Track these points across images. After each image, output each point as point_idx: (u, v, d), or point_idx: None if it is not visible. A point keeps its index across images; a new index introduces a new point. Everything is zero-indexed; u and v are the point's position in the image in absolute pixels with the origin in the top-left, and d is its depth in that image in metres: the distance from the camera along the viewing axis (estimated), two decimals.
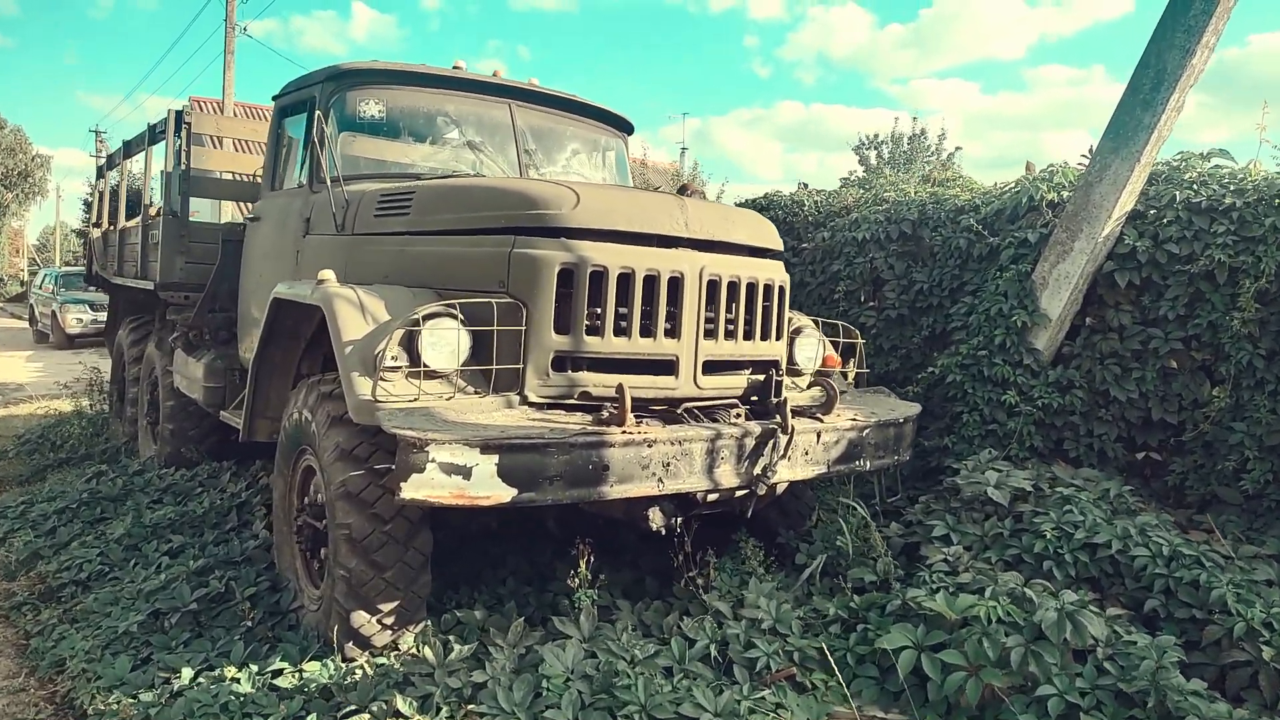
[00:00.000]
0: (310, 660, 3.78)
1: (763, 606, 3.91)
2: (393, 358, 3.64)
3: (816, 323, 5.00)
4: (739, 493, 3.90)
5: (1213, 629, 3.53)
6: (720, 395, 4.19)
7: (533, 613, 4.34)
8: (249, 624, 4.21)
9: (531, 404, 3.79)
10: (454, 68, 5.37)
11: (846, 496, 4.82)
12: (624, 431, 3.53)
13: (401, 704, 3.27)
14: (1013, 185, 6.22)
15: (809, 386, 4.76)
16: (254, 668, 3.74)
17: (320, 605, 4.12)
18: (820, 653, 3.71)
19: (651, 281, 3.91)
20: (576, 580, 4.01)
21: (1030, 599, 3.44)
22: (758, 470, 3.87)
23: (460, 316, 3.72)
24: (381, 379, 3.58)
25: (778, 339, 4.44)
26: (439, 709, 3.27)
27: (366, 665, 3.75)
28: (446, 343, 3.68)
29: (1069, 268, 5.34)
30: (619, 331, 3.90)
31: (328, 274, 4.01)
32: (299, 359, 4.78)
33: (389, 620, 3.85)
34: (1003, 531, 4.22)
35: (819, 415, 4.18)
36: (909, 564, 4.40)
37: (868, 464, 4.33)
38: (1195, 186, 5.22)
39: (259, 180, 6.46)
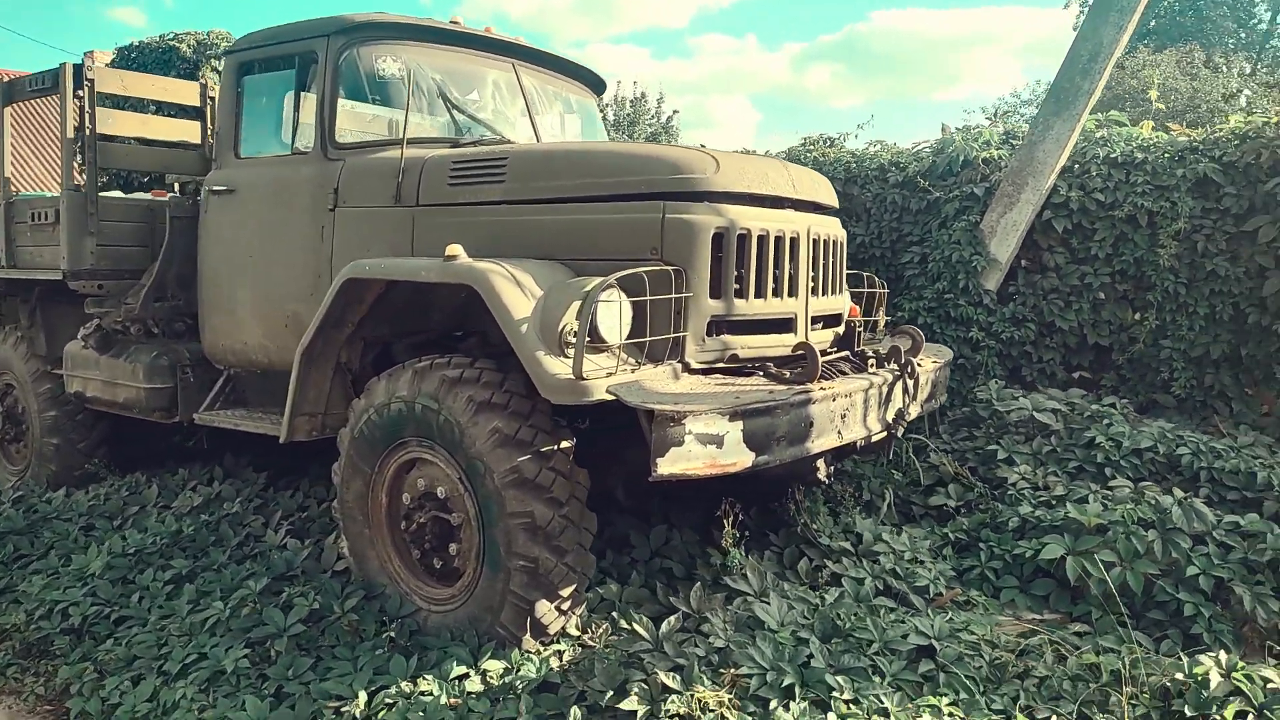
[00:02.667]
0: (490, 659, 3.52)
1: (897, 541, 4.19)
2: (573, 333, 3.45)
3: None
4: (877, 436, 4.13)
5: (1270, 504, 4.32)
6: (821, 349, 4.37)
7: (650, 579, 4.31)
8: (359, 639, 3.82)
9: (692, 371, 3.76)
10: (452, 23, 4.98)
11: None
12: (821, 389, 3.63)
13: (666, 679, 3.18)
14: (932, 145, 6.88)
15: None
16: (431, 677, 3.43)
17: (457, 604, 3.83)
18: (958, 572, 4.07)
19: (777, 242, 4.01)
20: (728, 540, 4.06)
21: (1152, 499, 4.02)
22: (892, 415, 4.12)
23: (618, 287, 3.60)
24: (563, 356, 3.40)
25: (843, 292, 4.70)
26: (700, 678, 3.22)
27: (561, 652, 3.58)
28: (615, 314, 3.55)
29: (1016, 217, 6.05)
30: (758, 293, 3.97)
31: (457, 249, 3.66)
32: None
33: (566, 606, 3.68)
34: (1055, 448, 4.81)
35: (912, 359, 4.49)
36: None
37: (936, 402, 4.73)
38: (1108, 144, 6.13)
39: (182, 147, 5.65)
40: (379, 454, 4.00)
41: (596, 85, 5.88)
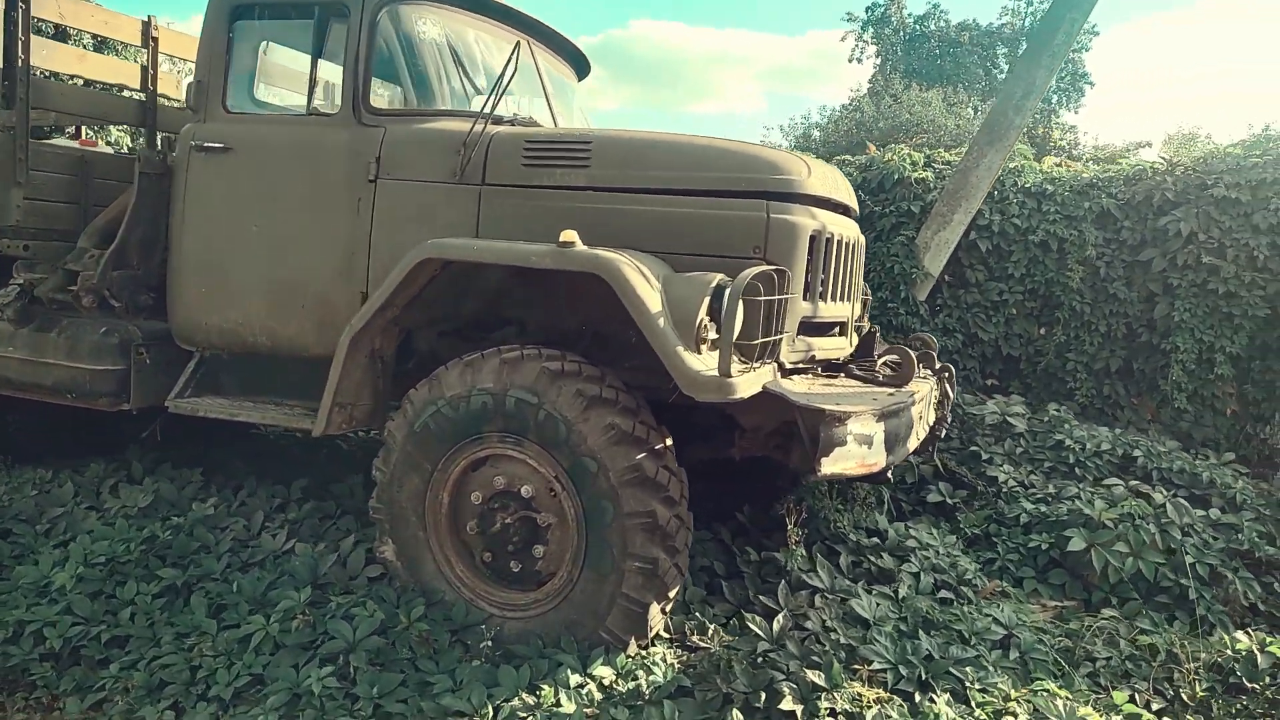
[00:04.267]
0: (600, 665, 3.38)
1: (925, 537, 4.45)
2: (706, 328, 3.40)
3: None
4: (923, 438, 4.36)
5: (1216, 499, 4.99)
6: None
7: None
8: (434, 650, 3.53)
9: (787, 371, 3.81)
10: None
11: None
12: (915, 392, 3.80)
13: (815, 676, 3.20)
14: (858, 163, 7.31)
15: None
16: (549, 688, 3.24)
17: (541, 609, 3.62)
18: (981, 565, 4.40)
19: (842, 247, 4.15)
20: (793, 538, 4.13)
21: (1149, 495, 4.54)
22: (934, 417, 4.37)
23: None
24: (696, 350, 3.34)
25: None
26: (841, 676, 3.28)
27: (678, 655, 3.51)
28: (736, 311, 3.53)
29: (949, 235, 6.57)
30: (833, 296, 4.08)
31: (573, 235, 3.47)
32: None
33: (669, 606, 3.60)
34: (1026, 449, 5.29)
35: (950, 366, 4.76)
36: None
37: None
38: (1022, 174, 6.80)
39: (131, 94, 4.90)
40: (446, 450, 3.70)
41: (582, 70, 5.72)
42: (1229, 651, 3.66)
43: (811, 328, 4.03)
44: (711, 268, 3.60)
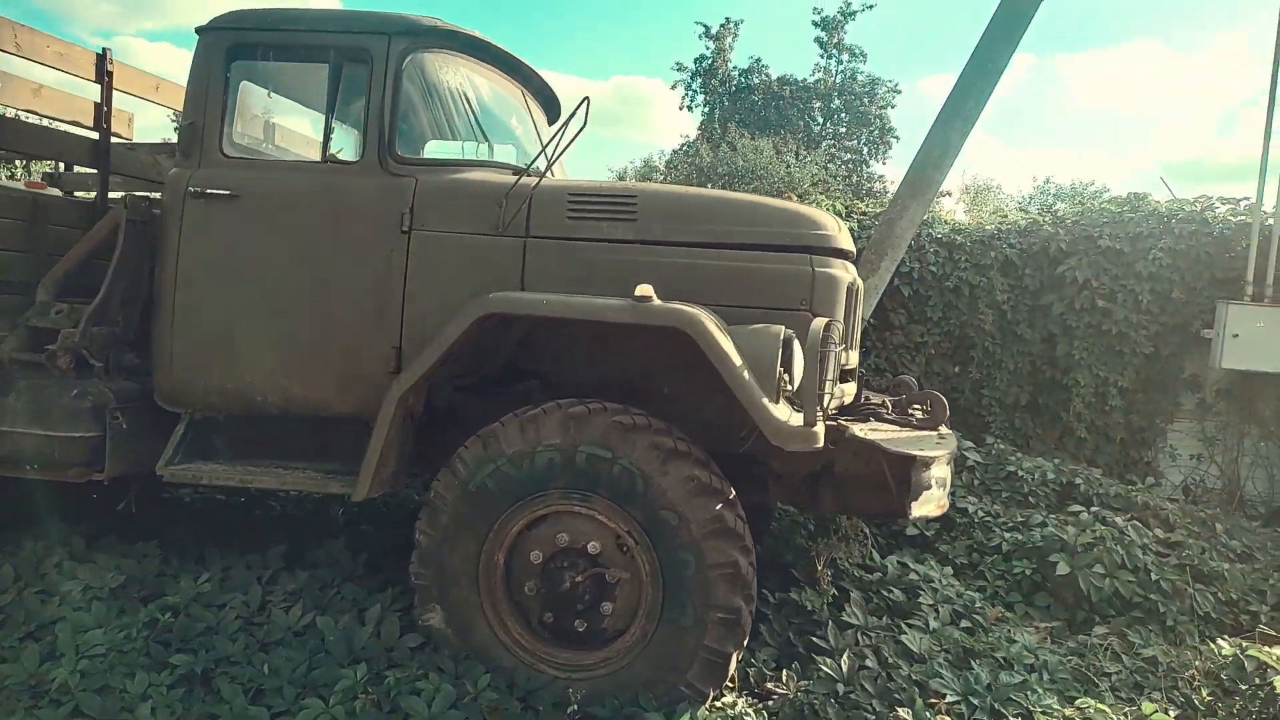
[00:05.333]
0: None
1: (928, 571, 4.71)
2: (783, 378, 3.50)
3: None
4: None
5: (1149, 519, 5.54)
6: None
7: None
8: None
9: (829, 418, 3.96)
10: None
11: None
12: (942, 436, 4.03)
13: (903, 713, 3.34)
14: None
15: None
16: None
17: (610, 667, 3.56)
18: (980, 591, 4.71)
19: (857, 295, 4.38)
20: (824, 579, 4.26)
21: (1111, 520, 4.99)
22: None
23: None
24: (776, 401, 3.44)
25: None
26: (925, 712, 3.43)
27: (740, 703, 3.53)
28: (817, 362, 3.67)
29: (877, 281, 6.99)
30: (851, 344, 4.29)
31: (648, 289, 3.48)
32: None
33: (740, 654, 3.63)
34: (982, 480, 5.70)
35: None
36: None
37: None
38: (934, 226, 7.36)
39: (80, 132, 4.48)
40: (504, 509, 3.59)
41: (554, 116, 5.70)
42: (1217, 659, 4.10)
43: (841, 375, 4.21)
44: (759, 320, 3.71)
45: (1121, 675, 4.06)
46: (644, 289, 3.49)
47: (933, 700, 3.50)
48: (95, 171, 4.63)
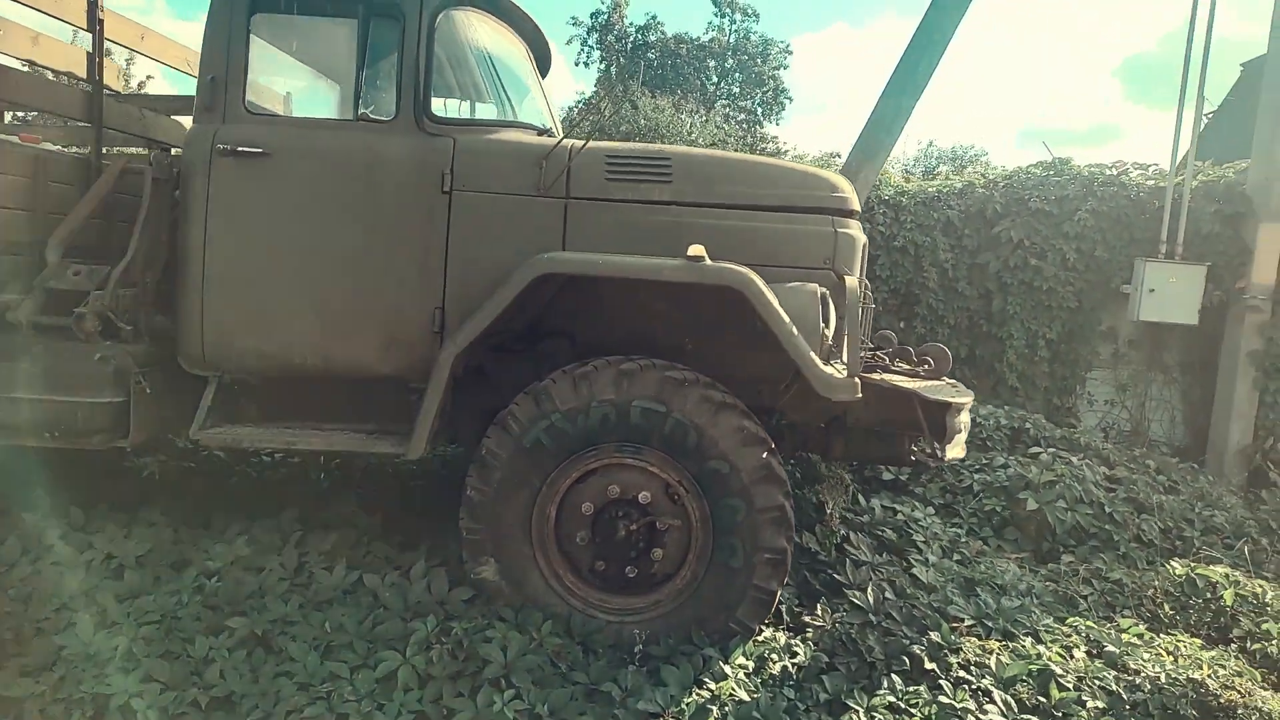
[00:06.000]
0: (739, 654, 3.62)
1: (913, 512, 5.10)
2: (826, 334, 3.75)
3: None
4: None
5: (1094, 458, 6.09)
6: None
7: None
8: (567, 663, 3.58)
9: None
10: None
11: None
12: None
13: (935, 636, 3.69)
14: None
15: None
16: (721, 682, 3.44)
17: (660, 610, 3.77)
18: (957, 528, 5.14)
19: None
20: (834, 520, 4.58)
21: (1068, 460, 5.49)
22: None
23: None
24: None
25: None
26: (950, 634, 3.79)
27: (781, 637, 3.80)
28: (859, 318, 3.93)
29: None
30: None
31: (700, 249, 3.64)
32: None
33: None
34: None
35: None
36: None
37: None
38: (881, 188, 7.73)
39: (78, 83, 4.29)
40: (556, 463, 3.74)
41: (545, 70, 5.69)
42: (1172, 579, 4.64)
43: None
44: (786, 278, 3.94)
45: (1094, 597, 4.55)
46: (697, 249, 3.66)
47: (954, 624, 3.86)
48: (89, 124, 4.42)
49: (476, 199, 3.93)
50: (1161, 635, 4.13)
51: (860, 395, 3.67)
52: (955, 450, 3.73)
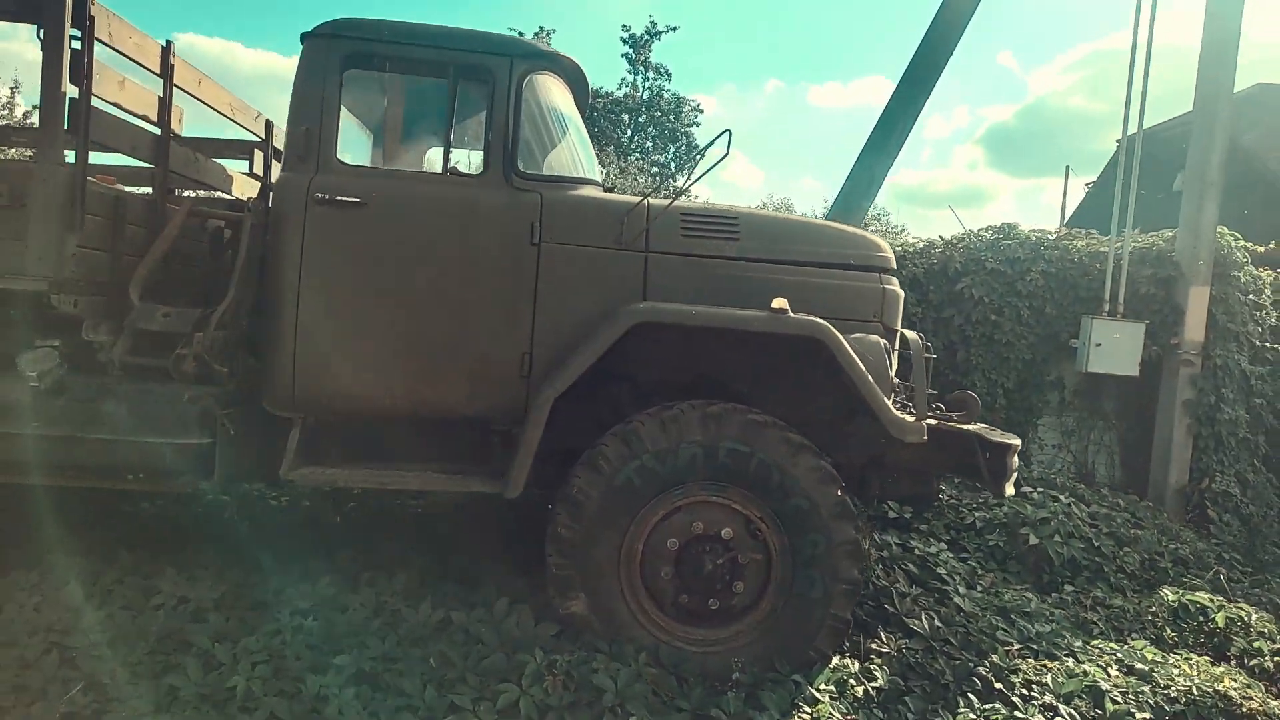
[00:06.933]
0: (820, 680, 3.87)
1: (927, 548, 5.47)
2: (896, 382, 4.10)
3: None
4: None
5: (1068, 497, 6.59)
6: None
7: None
8: (667, 693, 3.75)
9: None
10: None
11: None
12: None
13: (996, 658, 4.02)
14: None
15: None
16: (817, 705, 3.68)
17: (740, 641, 3.98)
18: (963, 562, 5.53)
19: None
20: (871, 555, 4.88)
21: (1056, 498, 5.96)
22: None
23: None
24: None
25: None
26: (1003, 655, 4.13)
27: (854, 664, 4.06)
28: (925, 367, 4.29)
29: None
30: None
31: (783, 302, 3.95)
32: None
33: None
34: None
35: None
36: None
37: None
38: None
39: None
40: (645, 502, 3.94)
41: None
42: (1165, 604, 5.12)
43: None
44: (841, 331, 4.28)
45: (1102, 622, 4.98)
46: (780, 302, 3.97)
47: (1006, 648, 4.20)
48: (153, 166, 4.45)
49: (563, 250, 4.14)
50: (1171, 655, 4.57)
51: (925, 438, 4.02)
52: (1010, 488, 4.10)
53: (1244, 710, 3.95)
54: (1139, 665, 4.21)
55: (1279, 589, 6.05)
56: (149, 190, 4.45)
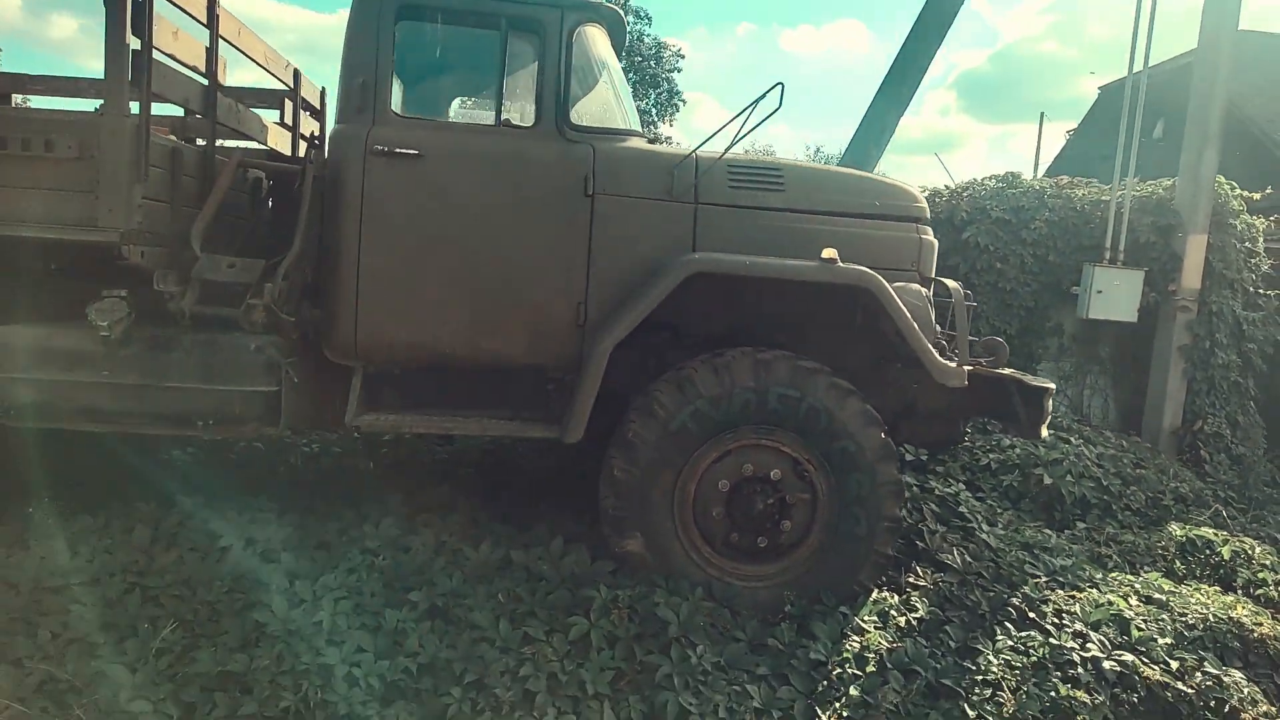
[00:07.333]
0: (865, 611, 4.09)
1: (947, 489, 5.70)
2: (937, 330, 4.27)
3: None
4: None
5: (1077, 438, 6.85)
6: None
7: None
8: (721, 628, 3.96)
9: None
10: None
11: None
12: None
13: (1027, 589, 4.26)
14: None
15: None
16: (867, 634, 3.90)
17: (786, 575, 4.18)
18: (980, 501, 5.78)
19: None
20: None
21: (1066, 439, 6.21)
22: None
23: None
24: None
25: None
26: (1034, 586, 4.38)
27: (891, 597, 4.29)
28: (965, 315, 4.46)
29: None
30: None
31: (833, 253, 4.08)
32: None
33: None
34: None
35: None
36: None
37: None
38: None
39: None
40: (698, 445, 4.10)
41: None
42: (1174, 538, 5.40)
43: None
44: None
45: (1116, 556, 5.25)
46: (830, 253, 4.10)
47: (1035, 580, 4.45)
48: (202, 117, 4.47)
49: (617, 202, 4.23)
50: (1182, 585, 4.85)
51: (966, 382, 4.20)
52: (1046, 430, 4.31)
53: (1255, 636, 4.23)
54: (1156, 595, 4.47)
55: (1275, 524, 6.36)
56: (200, 141, 4.46)
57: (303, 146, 5.61)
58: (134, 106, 3.77)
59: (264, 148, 5.25)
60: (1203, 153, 8.26)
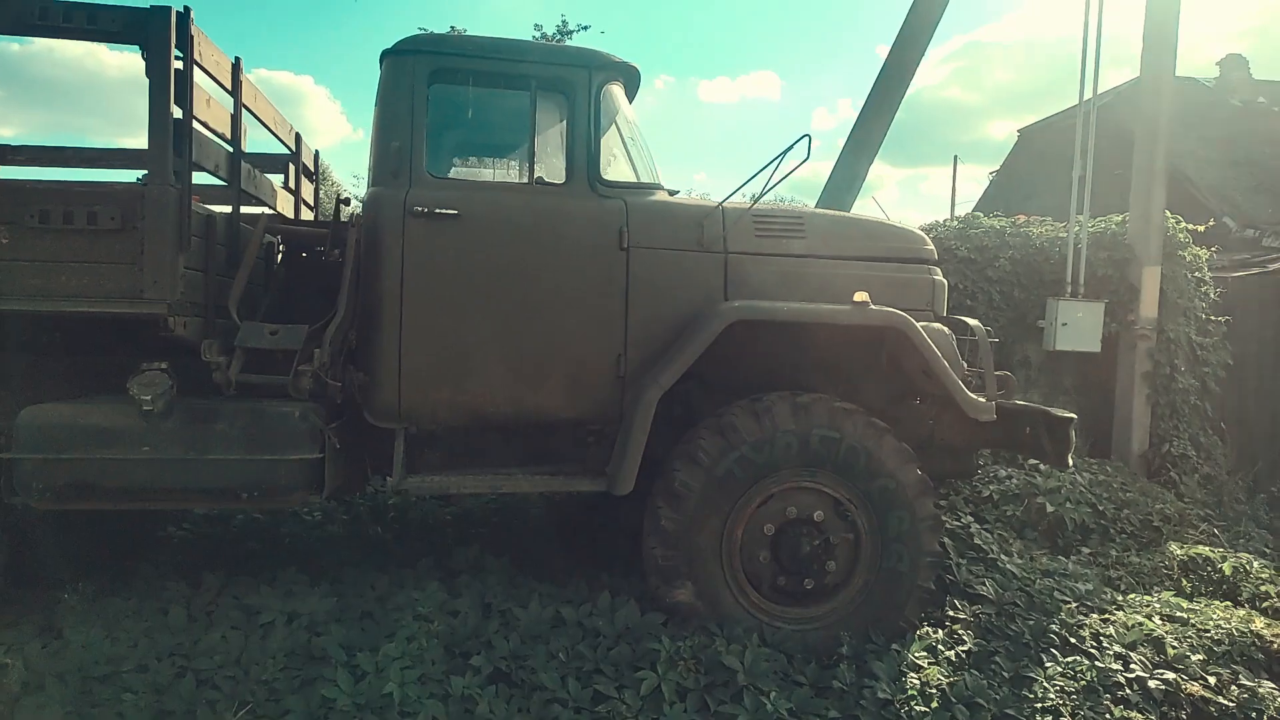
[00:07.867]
0: (914, 647, 4.16)
1: (956, 521, 5.84)
2: (965, 368, 4.43)
3: None
4: None
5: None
6: None
7: None
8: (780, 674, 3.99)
9: None
10: None
11: None
12: None
13: (1064, 614, 4.39)
14: None
15: None
16: (922, 671, 3.97)
17: (832, 617, 4.23)
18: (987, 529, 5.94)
19: None
20: None
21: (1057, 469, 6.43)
22: None
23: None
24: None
25: None
26: (1067, 611, 4.50)
27: (933, 631, 4.37)
28: (989, 352, 4.62)
29: None
30: None
31: (865, 296, 4.21)
32: None
33: None
34: None
35: None
36: None
37: None
38: None
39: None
40: (744, 490, 4.16)
41: None
42: (1174, 558, 5.62)
43: None
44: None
45: (1125, 578, 5.43)
46: (861, 296, 4.24)
47: (1066, 606, 4.58)
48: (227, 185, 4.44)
49: (651, 254, 4.32)
50: (1192, 602, 5.04)
51: (994, 417, 4.36)
52: (1072, 461, 4.47)
53: (1276, 647, 4.42)
54: (1178, 614, 4.65)
55: (1260, 538, 6.65)
56: (227, 208, 4.41)
57: (305, 210, 5.59)
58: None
59: (275, 212, 5.21)
60: (1151, 190, 8.73)
